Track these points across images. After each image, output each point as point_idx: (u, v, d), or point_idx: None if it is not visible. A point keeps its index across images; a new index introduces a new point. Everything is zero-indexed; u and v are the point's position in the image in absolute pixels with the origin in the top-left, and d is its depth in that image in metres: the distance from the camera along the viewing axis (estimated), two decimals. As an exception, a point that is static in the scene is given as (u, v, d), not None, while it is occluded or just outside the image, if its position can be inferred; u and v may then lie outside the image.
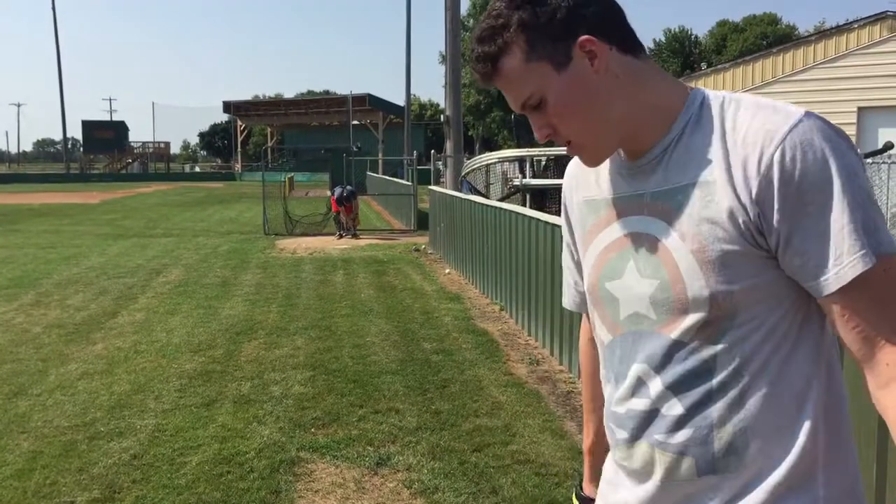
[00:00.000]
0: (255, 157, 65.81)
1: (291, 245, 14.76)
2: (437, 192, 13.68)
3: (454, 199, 11.37)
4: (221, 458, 4.22)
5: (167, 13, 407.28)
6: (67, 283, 10.04)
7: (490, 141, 53.35)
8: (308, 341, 6.85)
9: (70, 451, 4.32)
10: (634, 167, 1.21)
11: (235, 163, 69.94)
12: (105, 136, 68.65)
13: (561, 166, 13.91)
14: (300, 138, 61.63)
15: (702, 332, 1.14)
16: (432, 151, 20.04)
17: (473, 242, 9.56)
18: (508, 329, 7.32)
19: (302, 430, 4.64)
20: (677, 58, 58.71)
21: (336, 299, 8.88)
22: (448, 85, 16.30)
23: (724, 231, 1.10)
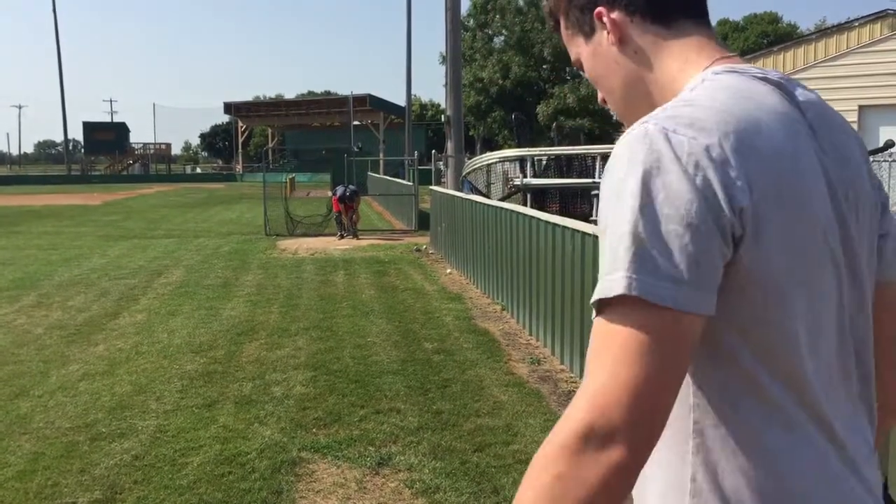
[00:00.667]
0: (256, 158, 65.90)
1: (293, 245, 14.77)
2: (438, 192, 13.69)
3: (455, 199, 11.37)
4: (223, 458, 4.22)
5: (168, 14, 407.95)
6: (69, 285, 10.05)
7: (491, 141, 53.28)
8: (309, 342, 6.86)
9: (71, 452, 4.33)
10: None
11: (236, 164, 69.96)
12: (106, 138, 68.67)
13: (561, 166, 13.93)
14: (301, 139, 61.68)
15: None
16: (433, 151, 20.08)
17: (475, 242, 9.56)
18: (509, 329, 7.32)
19: (303, 430, 4.65)
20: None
21: (337, 300, 8.89)
22: (449, 85, 16.32)
23: None
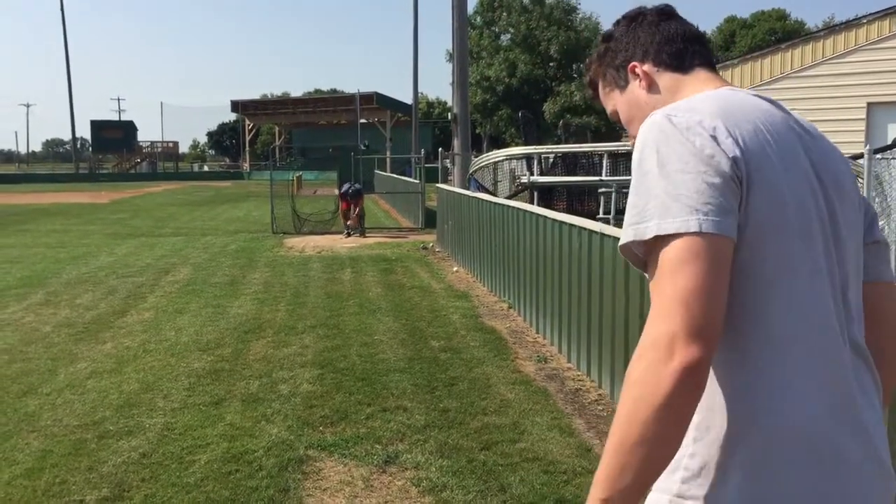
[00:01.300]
0: (263, 156, 65.95)
1: (299, 243, 14.79)
2: (444, 190, 13.68)
3: (462, 197, 11.36)
4: (230, 456, 4.23)
5: (175, 13, 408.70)
6: (76, 283, 10.08)
7: (498, 139, 53.24)
8: (316, 339, 6.86)
9: (79, 450, 4.34)
10: None
11: (244, 162, 70.10)
12: (114, 136, 68.79)
13: (568, 164, 13.90)
14: (308, 137, 61.74)
15: None
16: (440, 149, 20.03)
17: (481, 240, 9.55)
18: (516, 327, 7.31)
19: (310, 428, 4.65)
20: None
21: (344, 297, 8.89)
22: (455, 83, 16.27)
23: None
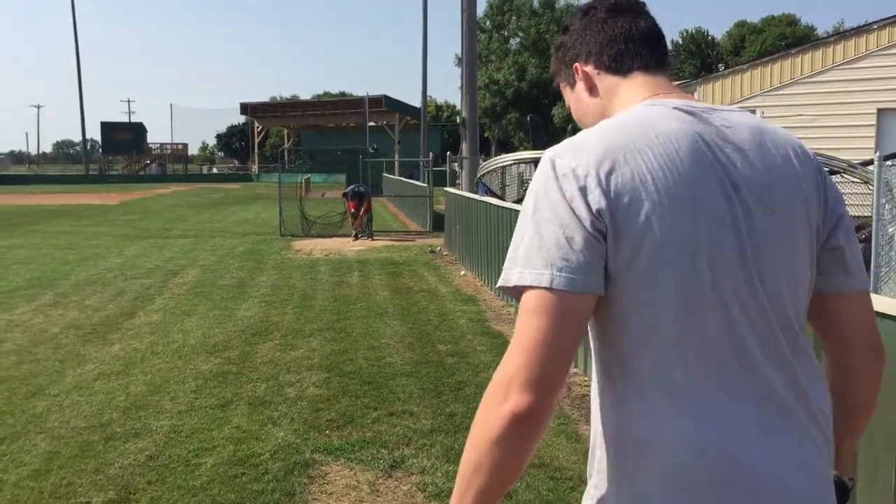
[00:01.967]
0: (271, 159, 66.19)
1: (307, 246, 14.81)
2: (452, 194, 13.68)
3: (470, 201, 11.35)
4: (236, 459, 4.23)
5: (184, 15, 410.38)
6: (85, 284, 10.12)
7: (506, 142, 53.27)
8: (323, 343, 6.86)
9: (86, 452, 4.35)
10: None
11: (252, 164, 70.32)
12: (123, 138, 69.16)
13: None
14: (317, 139, 61.87)
15: None
16: (448, 153, 20.04)
17: (489, 244, 9.54)
18: (523, 332, 7.28)
19: (316, 432, 4.65)
20: (695, 59, 58.29)
21: (351, 301, 8.89)
22: (464, 86, 16.29)
23: None
